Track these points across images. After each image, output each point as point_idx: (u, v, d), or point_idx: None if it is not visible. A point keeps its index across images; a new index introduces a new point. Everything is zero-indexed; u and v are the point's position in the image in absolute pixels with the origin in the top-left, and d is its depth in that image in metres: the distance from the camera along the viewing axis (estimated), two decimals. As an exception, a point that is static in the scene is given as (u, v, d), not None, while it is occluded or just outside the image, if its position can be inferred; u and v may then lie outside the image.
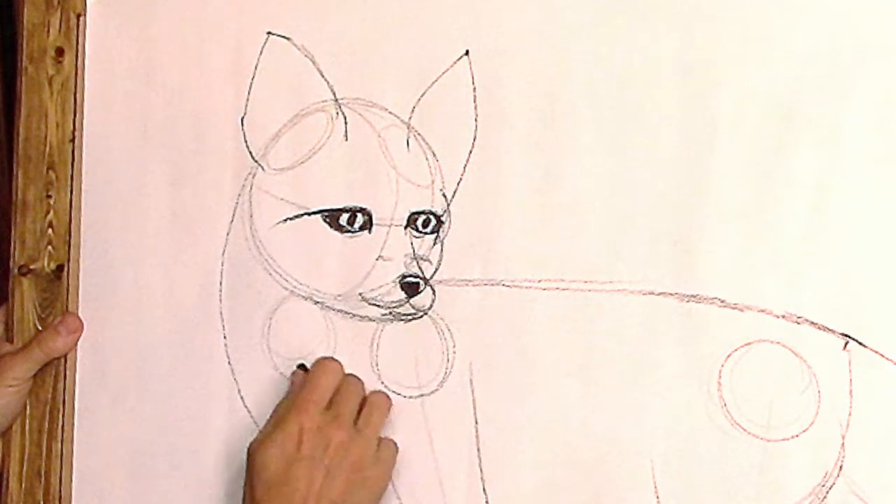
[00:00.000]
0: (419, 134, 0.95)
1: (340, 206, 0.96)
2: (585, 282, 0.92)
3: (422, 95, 0.95)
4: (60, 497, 0.98)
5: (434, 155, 0.95)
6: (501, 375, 0.93)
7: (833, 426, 0.88)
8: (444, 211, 0.95)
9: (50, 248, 0.98)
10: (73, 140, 0.99)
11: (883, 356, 0.88)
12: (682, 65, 0.91)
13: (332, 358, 0.93)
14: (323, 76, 0.96)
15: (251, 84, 0.97)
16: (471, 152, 0.94)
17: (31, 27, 0.99)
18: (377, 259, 0.95)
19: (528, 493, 0.93)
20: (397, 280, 0.95)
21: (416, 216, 0.95)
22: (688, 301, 0.91)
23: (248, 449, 0.90)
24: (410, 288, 0.94)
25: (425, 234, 0.95)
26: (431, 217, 0.95)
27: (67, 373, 0.98)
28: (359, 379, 0.93)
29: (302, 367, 0.95)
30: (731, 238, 0.90)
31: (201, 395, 0.97)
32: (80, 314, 0.99)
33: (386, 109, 0.96)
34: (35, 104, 0.98)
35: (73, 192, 0.99)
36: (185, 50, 0.99)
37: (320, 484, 0.87)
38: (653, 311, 0.91)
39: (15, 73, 0.99)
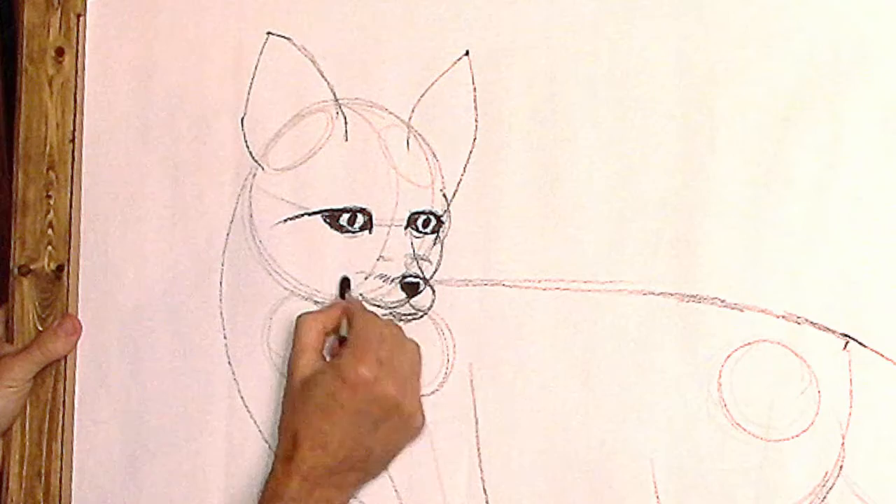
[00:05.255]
0: (419, 134, 0.95)
1: (340, 207, 0.96)
2: (585, 282, 0.92)
3: (422, 95, 0.95)
4: (60, 497, 0.98)
5: (434, 155, 0.95)
6: (501, 375, 0.93)
7: (833, 426, 0.88)
8: (444, 211, 0.95)
9: (50, 248, 0.98)
10: (73, 140, 0.99)
11: (883, 356, 0.88)
12: (682, 65, 0.91)
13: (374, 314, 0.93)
14: (323, 76, 0.96)
15: (251, 84, 0.97)
16: (471, 152, 0.94)
17: (31, 27, 0.99)
18: (377, 259, 0.95)
19: (528, 493, 0.93)
20: (397, 280, 0.95)
21: (416, 216, 0.95)
22: (688, 301, 0.91)
23: (295, 373, 0.90)
24: (410, 288, 0.94)
25: (425, 234, 0.95)
26: (431, 217, 0.95)
27: (67, 373, 0.98)
28: (399, 326, 0.92)
29: (345, 282, 0.94)
30: (731, 238, 0.90)
31: (201, 395, 0.97)
32: (80, 314, 0.99)
33: (386, 109, 0.96)
34: (35, 104, 0.98)
35: (73, 192, 0.99)
36: (185, 50, 0.99)
37: (364, 433, 0.88)
38: (653, 311, 0.91)
39: (15, 73, 0.99)
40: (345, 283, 0.94)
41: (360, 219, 0.95)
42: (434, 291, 0.94)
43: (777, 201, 0.90)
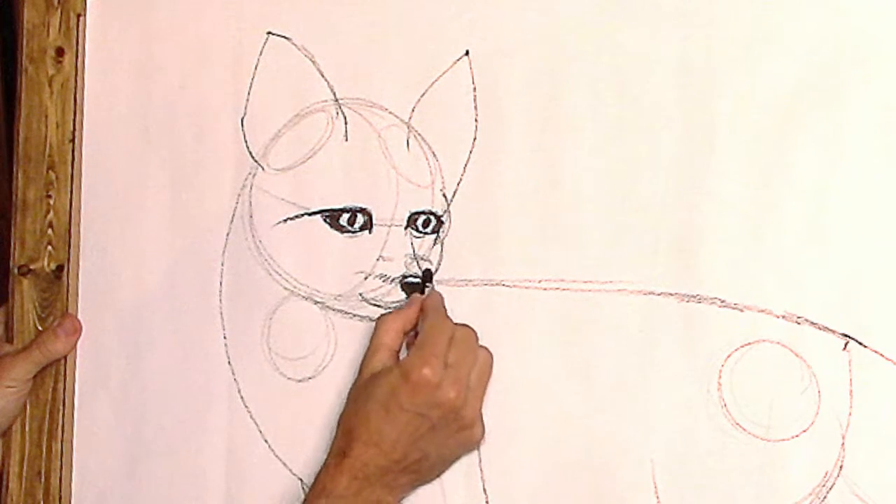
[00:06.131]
0: (419, 134, 0.95)
1: (340, 207, 0.96)
2: (585, 282, 0.92)
3: (422, 95, 0.95)
4: (60, 497, 0.98)
5: (434, 155, 0.95)
6: (501, 375, 0.93)
7: (833, 426, 0.88)
8: (444, 211, 0.95)
9: (50, 248, 0.98)
10: (73, 140, 0.99)
11: (883, 356, 0.88)
12: (682, 65, 0.91)
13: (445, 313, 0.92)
14: (323, 76, 0.96)
15: (251, 84, 0.97)
16: (471, 152, 0.94)
17: (31, 27, 0.99)
18: (377, 259, 0.95)
19: (528, 493, 0.93)
20: (397, 280, 0.95)
21: (416, 216, 0.95)
22: (688, 301, 0.91)
23: (364, 370, 0.89)
24: (410, 288, 0.94)
25: (425, 234, 0.95)
26: (431, 217, 0.95)
27: (67, 373, 0.98)
28: (473, 330, 0.91)
29: (426, 275, 0.94)
30: (731, 238, 0.90)
31: (201, 395, 0.97)
32: (79, 314, 0.99)
33: (386, 109, 0.96)
34: (35, 104, 0.98)
35: (73, 192, 0.99)
36: (185, 50, 0.99)
37: (420, 436, 0.87)
38: (653, 311, 0.91)
39: (15, 73, 0.99)
40: (426, 277, 0.94)
41: (360, 219, 0.95)
42: (434, 291, 0.95)
43: (777, 201, 0.89)
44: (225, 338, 0.97)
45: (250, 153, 0.98)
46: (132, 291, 0.99)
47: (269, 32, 0.97)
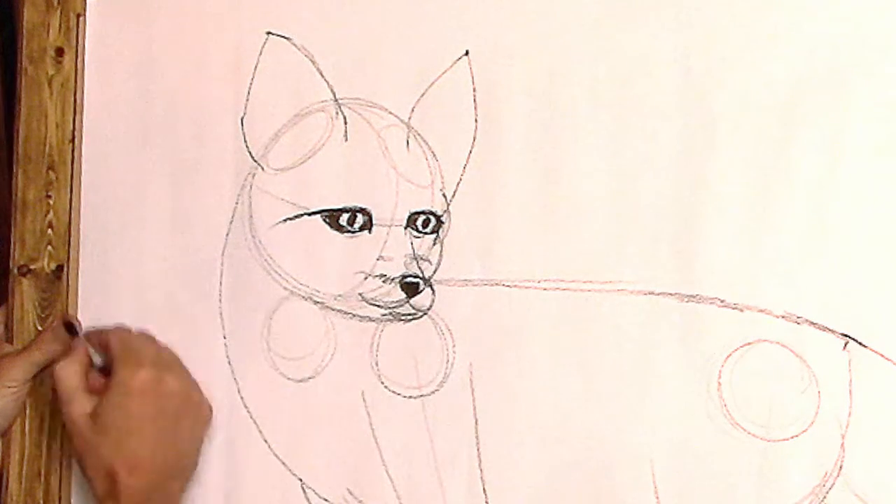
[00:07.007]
0: (419, 134, 0.95)
1: (340, 207, 0.96)
2: (585, 282, 0.92)
3: (422, 95, 0.95)
4: (60, 497, 0.98)
5: (434, 155, 0.95)
6: (501, 375, 0.93)
7: (833, 426, 0.88)
8: (444, 211, 0.95)
9: (50, 248, 0.98)
10: (73, 140, 0.99)
11: (883, 356, 0.88)
12: (682, 65, 0.91)
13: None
14: (323, 76, 0.96)
15: (251, 84, 0.97)
16: (471, 152, 0.94)
17: (31, 27, 0.99)
18: (377, 259, 0.95)
19: (528, 493, 0.93)
20: (397, 280, 0.95)
21: (416, 216, 0.95)
22: (688, 301, 0.91)
23: (76, 418, 0.89)
24: (410, 288, 0.94)
25: (425, 234, 0.95)
26: (431, 217, 0.95)
27: (67, 373, 0.98)
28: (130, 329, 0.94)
29: (70, 327, 0.93)
30: (731, 238, 0.90)
31: (201, 395, 0.97)
32: (79, 314, 0.99)
33: (386, 109, 0.96)
34: (35, 104, 0.98)
35: (73, 192, 0.99)
36: (185, 50, 0.99)
37: (168, 435, 0.88)
38: (653, 311, 0.91)
39: (15, 73, 0.99)
40: (70, 328, 0.93)
41: (360, 219, 0.95)
42: (434, 291, 0.94)
43: (777, 201, 0.90)
44: (225, 338, 0.97)
45: (250, 153, 0.98)
46: (132, 291, 0.99)
47: (269, 32, 0.97)
